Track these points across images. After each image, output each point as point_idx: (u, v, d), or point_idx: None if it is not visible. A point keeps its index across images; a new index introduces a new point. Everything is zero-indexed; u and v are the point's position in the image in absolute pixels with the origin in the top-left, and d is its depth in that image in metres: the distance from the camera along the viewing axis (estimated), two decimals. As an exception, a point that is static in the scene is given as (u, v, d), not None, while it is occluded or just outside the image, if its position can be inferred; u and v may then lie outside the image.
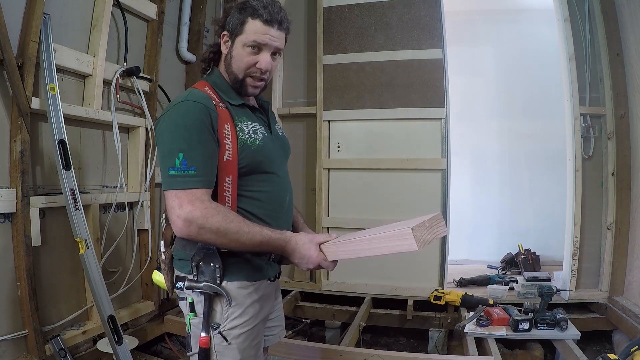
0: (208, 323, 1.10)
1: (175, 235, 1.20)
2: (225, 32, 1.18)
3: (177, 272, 1.19)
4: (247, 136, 1.14)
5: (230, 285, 1.12)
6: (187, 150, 1.03)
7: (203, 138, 1.06)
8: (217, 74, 1.23)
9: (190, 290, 1.12)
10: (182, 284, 1.15)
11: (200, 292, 1.11)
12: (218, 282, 1.11)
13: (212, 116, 1.09)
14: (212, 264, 1.11)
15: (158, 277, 1.28)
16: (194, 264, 1.12)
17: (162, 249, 1.24)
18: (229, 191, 1.12)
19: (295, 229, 1.37)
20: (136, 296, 2.49)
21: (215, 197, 1.09)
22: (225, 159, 1.10)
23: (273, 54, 1.19)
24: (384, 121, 2.88)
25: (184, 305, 1.17)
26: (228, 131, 1.11)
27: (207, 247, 1.10)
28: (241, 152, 1.12)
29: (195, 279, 1.12)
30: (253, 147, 1.14)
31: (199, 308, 1.12)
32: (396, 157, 2.86)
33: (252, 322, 1.15)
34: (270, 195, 1.19)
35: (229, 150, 1.11)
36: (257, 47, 1.15)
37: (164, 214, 1.25)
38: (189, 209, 1.01)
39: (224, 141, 1.10)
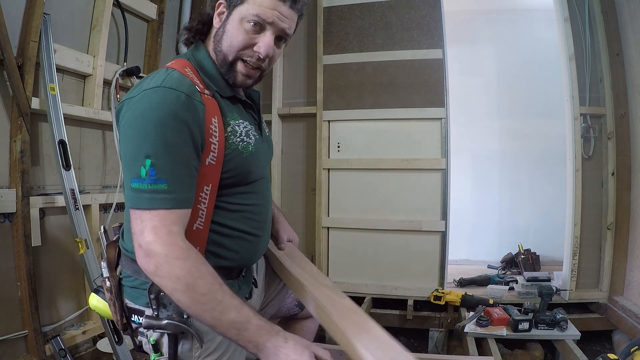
0: None
1: (121, 256, 0.97)
2: (221, 1, 0.93)
3: (129, 303, 0.94)
4: (239, 139, 0.92)
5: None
6: (157, 157, 0.78)
7: (179, 140, 0.80)
8: (203, 53, 0.96)
9: (151, 330, 0.90)
10: (139, 318, 0.92)
11: (164, 333, 0.89)
12: (185, 316, 0.87)
13: (198, 109, 0.84)
14: None
15: (96, 303, 1.01)
16: (152, 296, 0.87)
17: (106, 273, 0.96)
18: (204, 203, 0.88)
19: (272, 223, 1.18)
20: (136, 296, 2.49)
21: None
22: (207, 163, 0.86)
23: (278, 38, 0.94)
24: (384, 121, 2.88)
25: (145, 342, 0.95)
26: (215, 127, 0.87)
27: None
28: (230, 158, 0.90)
29: (155, 314, 0.88)
30: (245, 154, 0.92)
31: (165, 349, 0.90)
32: (396, 157, 2.85)
33: (227, 351, 0.95)
34: (258, 208, 1.01)
35: (214, 152, 0.87)
36: (259, 25, 0.90)
37: (102, 227, 1.09)
38: (149, 239, 0.77)
39: (210, 139, 0.86)
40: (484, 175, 3.81)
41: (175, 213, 0.80)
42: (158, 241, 0.77)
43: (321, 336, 2.79)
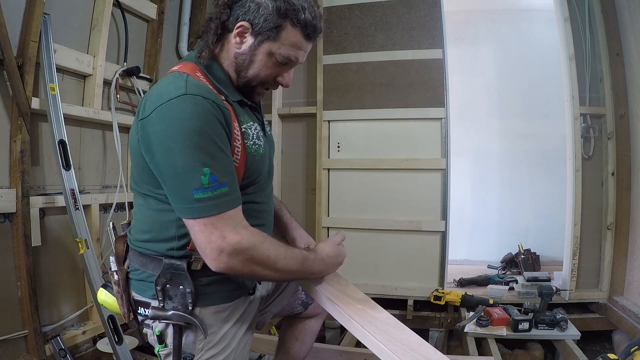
0: (180, 356, 0.94)
1: (128, 250, 1.01)
2: (244, 23, 0.92)
3: (136, 296, 0.98)
4: (251, 142, 0.95)
5: (204, 312, 0.93)
6: (213, 163, 0.81)
7: (223, 143, 0.84)
8: (216, 66, 0.97)
9: (157, 321, 0.93)
10: (146, 310, 0.95)
11: (169, 323, 0.93)
12: (190, 308, 0.91)
13: (226, 114, 0.86)
14: (181, 287, 0.90)
15: (104, 297, 1.05)
16: (159, 288, 0.90)
17: (114, 267, 1.00)
18: None
19: (283, 226, 1.25)
20: (136, 296, 2.49)
21: None
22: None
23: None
24: (384, 121, 2.88)
25: (150, 334, 0.98)
26: (237, 130, 0.91)
27: (175, 265, 0.90)
28: (247, 159, 0.94)
29: (162, 305, 0.92)
30: (257, 156, 0.96)
31: (169, 340, 0.94)
32: (396, 157, 2.86)
33: (231, 344, 0.99)
34: (265, 205, 1.06)
35: (237, 154, 0.90)
36: (287, 63, 0.96)
37: (111, 223, 1.12)
38: (236, 239, 0.81)
39: (234, 142, 0.89)
40: (484, 175, 3.81)
41: (238, 210, 0.86)
42: (244, 238, 0.82)
43: (322, 336, 2.80)
